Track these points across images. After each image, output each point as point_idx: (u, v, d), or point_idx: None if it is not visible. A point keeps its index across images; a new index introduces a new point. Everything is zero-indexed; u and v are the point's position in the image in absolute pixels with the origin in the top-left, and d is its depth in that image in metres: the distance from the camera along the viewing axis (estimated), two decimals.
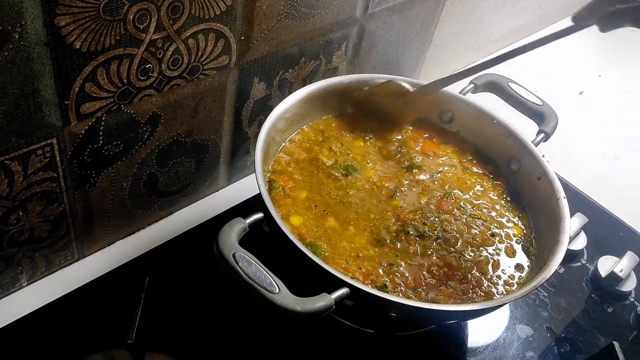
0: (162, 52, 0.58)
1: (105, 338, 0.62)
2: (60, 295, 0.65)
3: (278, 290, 0.49)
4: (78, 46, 0.51)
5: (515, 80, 0.81)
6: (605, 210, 0.87)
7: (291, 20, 0.69)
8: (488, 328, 0.71)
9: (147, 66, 0.58)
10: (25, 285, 0.66)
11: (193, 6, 0.57)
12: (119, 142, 0.62)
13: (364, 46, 0.84)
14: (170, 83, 0.62)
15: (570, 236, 0.63)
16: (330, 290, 0.51)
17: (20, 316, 0.63)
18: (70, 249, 0.67)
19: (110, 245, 0.72)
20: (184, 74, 0.63)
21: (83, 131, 0.58)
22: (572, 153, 0.97)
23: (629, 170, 0.98)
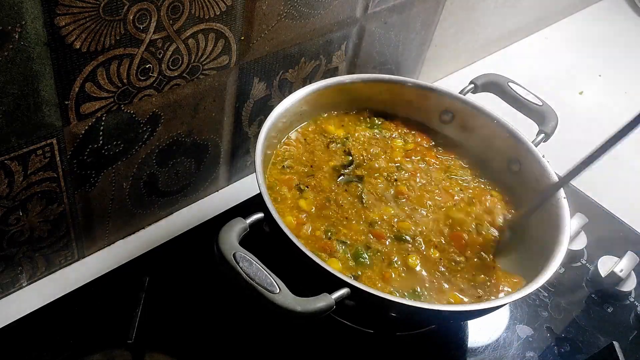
0: (162, 52, 0.58)
1: (105, 338, 0.62)
2: (60, 295, 0.65)
3: (278, 290, 0.49)
4: (78, 46, 0.51)
5: (515, 80, 0.81)
6: (605, 210, 0.87)
7: (291, 20, 0.69)
8: (488, 328, 0.71)
9: (147, 66, 0.58)
10: (25, 285, 0.66)
11: (193, 6, 0.57)
12: (119, 142, 0.62)
13: (364, 46, 0.84)
14: (170, 83, 0.62)
15: (570, 236, 0.63)
16: (331, 290, 0.51)
17: (20, 316, 0.63)
18: (70, 249, 0.67)
19: (110, 245, 0.72)
20: (184, 74, 0.63)
21: (83, 131, 0.58)
22: (572, 153, 0.97)
23: (629, 170, 0.98)
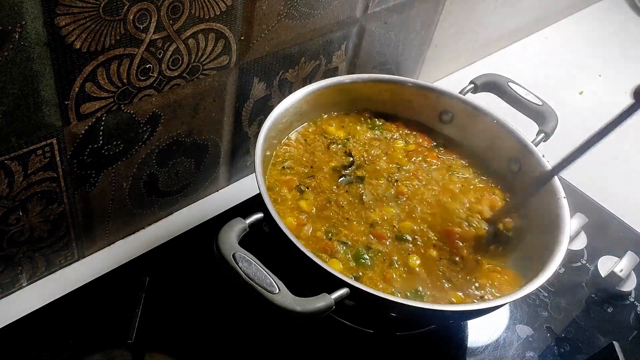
0: (162, 52, 0.58)
1: (105, 338, 0.62)
2: (60, 295, 0.65)
3: (278, 290, 0.49)
4: (78, 46, 0.51)
5: (515, 80, 0.81)
6: (605, 210, 0.87)
7: (291, 20, 0.69)
8: (488, 328, 0.71)
9: (147, 66, 0.58)
10: (25, 285, 0.66)
11: (193, 6, 0.57)
12: (119, 142, 0.62)
13: (364, 46, 0.84)
14: (170, 83, 0.62)
15: (570, 236, 0.63)
16: (330, 290, 0.51)
17: (20, 316, 0.63)
18: (70, 249, 0.67)
19: (110, 245, 0.72)
20: (184, 74, 0.63)
21: (83, 131, 0.58)
22: None
23: (629, 170, 0.98)
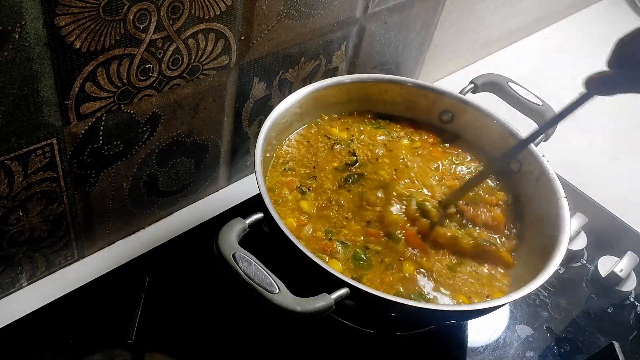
0: (162, 52, 0.58)
1: (105, 338, 0.62)
2: (60, 295, 0.65)
3: (278, 290, 0.49)
4: (78, 46, 0.51)
5: (516, 80, 0.81)
6: (605, 210, 0.87)
7: (291, 20, 0.69)
8: (488, 328, 0.71)
9: (147, 66, 0.58)
10: (25, 285, 0.66)
11: (193, 6, 0.57)
12: (119, 142, 0.62)
13: (364, 46, 0.84)
14: (170, 83, 0.62)
15: (570, 236, 0.63)
16: (330, 290, 0.51)
17: (20, 316, 0.63)
18: (70, 249, 0.67)
19: (110, 245, 0.72)
20: (184, 74, 0.63)
21: (83, 131, 0.58)
22: (572, 153, 0.97)
23: (629, 170, 0.98)
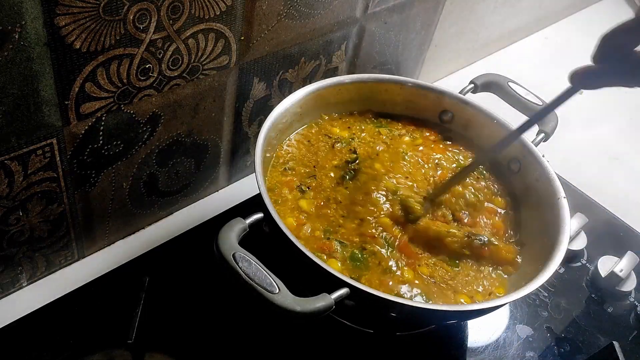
0: (162, 52, 0.58)
1: (105, 338, 0.62)
2: (60, 295, 0.65)
3: (278, 290, 0.49)
4: (78, 46, 0.51)
5: (516, 80, 0.81)
6: (605, 210, 0.87)
7: (291, 20, 0.69)
8: (488, 328, 0.71)
9: (147, 66, 0.58)
10: (25, 285, 0.66)
11: (193, 6, 0.57)
12: (119, 142, 0.62)
13: (364, 46, 0.84)
14: (170, 83, 0.62)
15: (570, 236, 0.63)
16: (330, 290, 0.51)
17: (20, 316, 0.63)
18: (70, 249, 0.67)
19: (110, 245, 0.72)
20: (184, 74, 0.63)
21: (83, 131, 0.58)
22: (572, 153, 0.97)
23: (629, 170, 0.98)
